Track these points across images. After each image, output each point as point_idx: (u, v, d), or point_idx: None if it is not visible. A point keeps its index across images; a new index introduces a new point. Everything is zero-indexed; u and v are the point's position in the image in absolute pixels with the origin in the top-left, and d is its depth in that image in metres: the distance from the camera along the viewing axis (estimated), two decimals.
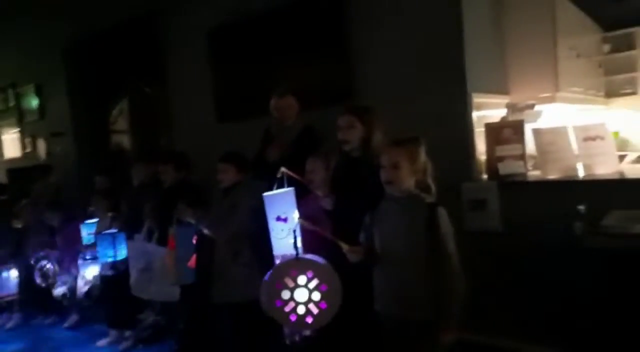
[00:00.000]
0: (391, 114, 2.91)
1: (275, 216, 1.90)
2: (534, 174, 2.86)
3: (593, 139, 2.71)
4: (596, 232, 2.01)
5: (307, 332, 1.95)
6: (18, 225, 4.15)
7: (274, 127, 3.12)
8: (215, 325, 2.95)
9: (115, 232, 3.34)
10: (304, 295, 1.69)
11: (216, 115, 4.04)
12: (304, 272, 1.69)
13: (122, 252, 3.28)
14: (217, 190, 2.86)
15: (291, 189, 1.94)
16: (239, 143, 3.31)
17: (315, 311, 1.69)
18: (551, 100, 3.28)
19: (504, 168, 2.80)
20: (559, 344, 2.49)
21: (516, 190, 2.74)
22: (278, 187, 1.93)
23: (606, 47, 4.84)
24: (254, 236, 2.01)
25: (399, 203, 1.85)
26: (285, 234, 1.83)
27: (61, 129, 5.75)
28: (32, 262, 3.78)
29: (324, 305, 1.69)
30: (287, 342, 1.97)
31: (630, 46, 4.83)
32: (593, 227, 2.04)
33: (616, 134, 4.75)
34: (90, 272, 3.51)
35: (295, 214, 1.86)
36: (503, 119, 3.10)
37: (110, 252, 3.28)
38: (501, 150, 2.82)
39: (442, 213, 1.80)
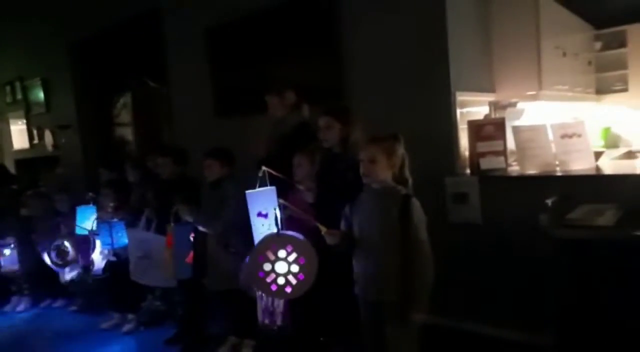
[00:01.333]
0: (379, 111, 3.09)
1: (257, 212, 2.07)
2: (514, 169, 3.00)
3: (570, 136, 2.84)
4: (561, 224, 2.15)
5: (278, 322, 2.13)
6: (25, 213, 4.33)
7: (271, 123, 3.25)
8: (210, 311, 3.15)
9: (113, 222, 3.49)
10: (283, 267, 1.88)
11: (215, 110, 4.20)
12: (283, 247, 1.87)
13: (121, 240, 3.45)
14: (206, 185, 3.04)
15: (272, 188, 2.10)
16: (236, 138, 3.48)
17: (294, 281, 1.88)
18: (535, 98, 3.40)
19: (485, 163, 2.94)
20: (525, 327, 2.66)
21: (496, 184, 2.89)
22: (260, 185, 2.09)
23: (597, 45, 4.93)
24: (242, 226, 2.17)
25: (375, 194, 2.01)
26: (265, 228, 2.01)
27: (67, 121, 5.93)
28: (42, 246, 3.96)
29: (301, 276, 1.88)
30: (260, 327, 2.15)
31: (622, 44, 4.91)
32: (559, 220, 2.18)
33: (608, 129, 4.87)
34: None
35: (275, 207, 2.01)
36: (486, 116, 3.24)
37: (108, 240, 3.45)
38: (483, 147, 2.96)
39: (415, 204, 1.96)
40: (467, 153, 3.04)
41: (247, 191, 2.06)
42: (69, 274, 3.93)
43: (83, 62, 5.67)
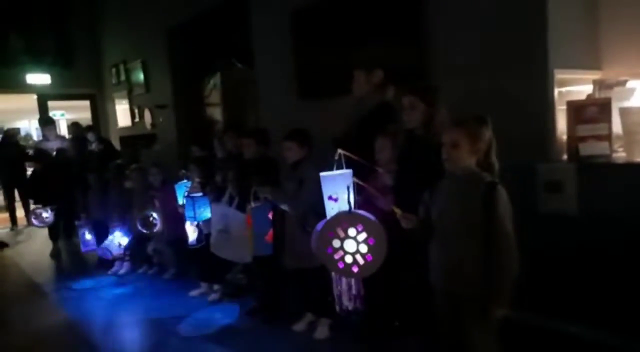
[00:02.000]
0: (465, 91, 2.91)
1: (328, 195, 2.05)
2: (620, 156, 2.70)
3: None
4: None
5: (354, 306, 2.10)
6: (129, 186, 4.73)
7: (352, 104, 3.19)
8: (288, 288, 3.24)
9: (197, 196, 3.67)
10: (352, 246, 1.84)
11: (298, 93, 4.23)
12: (354, 225, 1.83)
13: (203, 215, 3.63)
14: (287, 166, 3.08)
15: (348, 171, 2.05)
16: (319, 120, 3.49)
17: (361, 261, 1.84)
18: None
19: (586, 149, 2.67)
20: (619, 331, 2.41)
21: (597, 172, 2.61)
22: (337, 168, 2.06)
23: None
24: (319, 207, 2.17)
25: (456, 181, 1.90)
26: (335, 212, 1.97)
27: (164, 101, 6.34)
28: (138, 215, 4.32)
29: (369, 257, 1.83)
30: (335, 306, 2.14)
31: None
32: None
33: None
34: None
35: (348, 189, 1.97)
36: (589, 96, 2.92)
37: (191, 213, 3.65)
38: (584, 130, 2.68)
39: (501, 192, 1.82)
40: (564, 137, 2.78)
41: (321, 174, 2.04)
42: (151, 246, 4.23)
43: (178, 45, 6.00)
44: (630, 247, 2.39)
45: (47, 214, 5.19)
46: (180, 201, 3.90)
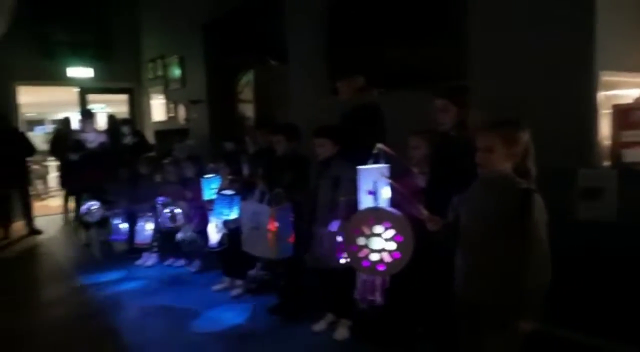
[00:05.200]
0: (503, 93, 2.81)
1: (366, 189, 1.99)
2: None
3: None
4: None
5: (377, 300, 2.04)
6: (159, 179, 4.80)
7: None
8: (310, 287, 3.20)
9: (233, 194, 3.69)
10: (378, 243, 1.77)
11: (331, 89, 4.17)
12: (381, 222, 1.77)
13: (235, 212, 3.64)
14: (316, 163, 3.04)
15: (386, 165, 2.01)
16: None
17: (388, 259, 1.77)
18: None
19: (630, 155, 2.53)
20: None
21: None
22: (374, 163, 2.01)
23: None
24: (354, 207, 2.12)
25: (489, 186, 1.80)
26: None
27: (198, 97, 6.42)
28: (163, 208, 4.39)
29: (397, 255, 1.77)
30: (360, 305, 2.08)
31: None
32: None
33: None
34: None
35: (385, 188, 1.92)
36: (637, 100, 2.76)
37: (227, 211, 3.66)
38: (629, 136, 2.55)
39: (537, 200, 1.72)
40: (605, 142, 2.64)
41: (359, 167, 1.99)
42: (181, 234, 4.30)
43: (213, 41, 6.06)
44: None
45: (96, 207, 5.31)
46: (207, 196, 3.92)
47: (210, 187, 3.95)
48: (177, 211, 4.28)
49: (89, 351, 3.06)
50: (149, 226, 4.64)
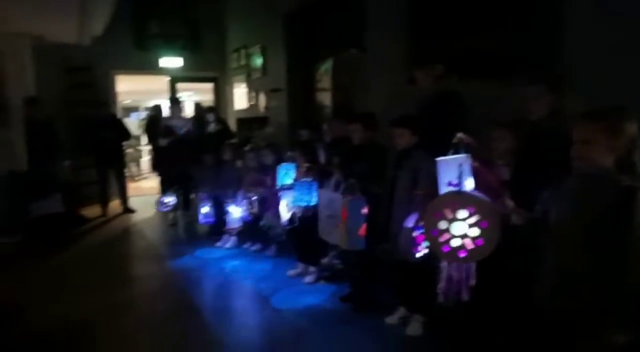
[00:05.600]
0: (606, 79, 2.55)
1: (447, 181, 1.90)
2: None
3: None
4: None
5: (462, 297, 1.94)
6: (240, 165, 4.97)
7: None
8: (384, 279, 3.16)
9: (311, 181, 3.74)
10: (461, 229, 1.69)
11: (409, 79, 4.05)
12: (465, 207, 1.68)
13: (314, 200, 3.68)
14: (393, 152, 2.97)
15: (467, 155, 1.91)
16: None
17: (470, 246, 1.68)
18: None
19: None
20: None
21: None
22: (454, 153, 1.92)
23: None
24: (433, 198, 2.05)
25: (586, 182, 1.65)
26: None
27: (278, 85, 6.55)
28: (244, 196, 4.55)
29: (480, 242, 1.67)
30: (441, 300, 2.00)
31: None
32: None
33: None
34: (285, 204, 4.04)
35: (469, 179, 1.83)
36: None
37: (306, 198, 3.71)
38: None
39: None
40: None
41: (438, 159, 1.92)
42: (263, 221, 4.43)
43: (294, 30, 6.13)
44: None
45: (170, 199, 5.69)
46: (280, 182, 4.00)
47: (286, 174, 4.02)
48: (255, 199, 4.41)
49: (183, 318, 3.31)
50: (237, 212, 4.84)
